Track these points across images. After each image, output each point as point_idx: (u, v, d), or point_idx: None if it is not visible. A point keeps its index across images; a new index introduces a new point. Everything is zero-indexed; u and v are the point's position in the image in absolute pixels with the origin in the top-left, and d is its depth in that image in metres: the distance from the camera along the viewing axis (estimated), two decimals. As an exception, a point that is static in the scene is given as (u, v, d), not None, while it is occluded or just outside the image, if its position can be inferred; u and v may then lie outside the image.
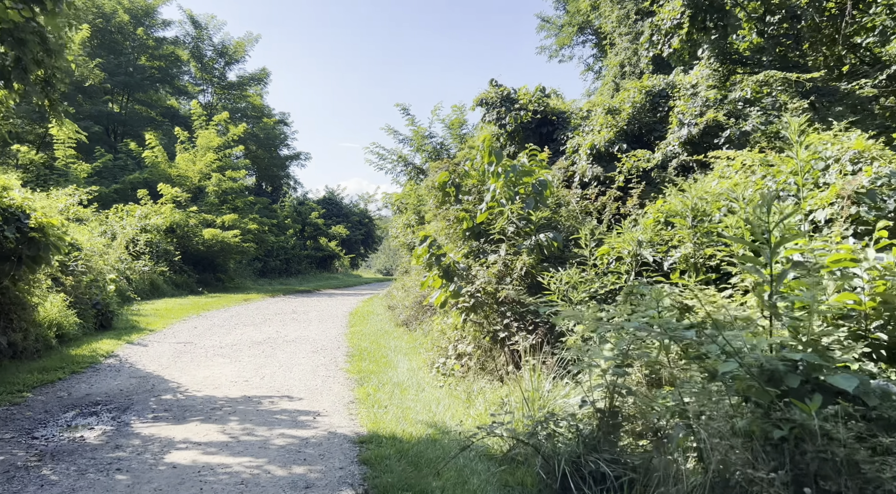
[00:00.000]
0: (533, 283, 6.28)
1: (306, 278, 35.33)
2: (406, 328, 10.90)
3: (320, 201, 47.70)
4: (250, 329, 11.71)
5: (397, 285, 17.32)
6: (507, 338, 6.20)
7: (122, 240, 18.03)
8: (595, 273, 5.88)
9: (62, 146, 22.81)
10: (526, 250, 6.29)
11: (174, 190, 22.00)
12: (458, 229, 7.11)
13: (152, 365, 8.38)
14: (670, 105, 11.04)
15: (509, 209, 6.25)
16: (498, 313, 6.45)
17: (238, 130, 26.04)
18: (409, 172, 23.53)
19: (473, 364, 7.07)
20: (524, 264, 6.01)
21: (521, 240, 6.41)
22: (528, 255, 6.14)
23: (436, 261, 6.83)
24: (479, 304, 6.42)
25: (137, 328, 11.51)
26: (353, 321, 12.88)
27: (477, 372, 7.03)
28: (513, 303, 6.12)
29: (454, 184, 7.33)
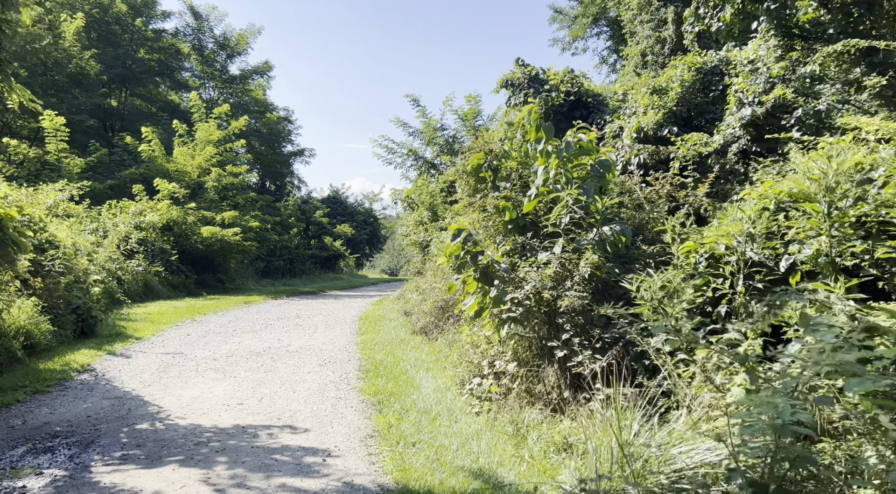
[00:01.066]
0: (598, 288, 5.00)
1: (311, 278, 34.12)
2: (425, 337, 9.63)
3: (325, 199, 46.52)
4: (249, 337, 10.46)
5: (410, 288, 16.04)
6: (567, 357, 4.92)
7: (114, 238, 16.80)
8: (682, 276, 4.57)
9: (53, 139, 21.62)
10: (590, 247, 5.01)
11: (171, 186, 20.79)
12: (498, 221, 5.84)
13: (132, 382, 7.13)
14: (726, 83, 9.73)
15: (568, 195, 4.97)
16: (552, 325, 5.17)
17: (239, 124, 24.81)
18: (420, 166, 22.27)
19: (516, 387, 5.79)
20: (590, 264, 4.73)
21: (582, 233, 5.13)
22: (593, 252, 4.86)
23: (471, 260, 5.55)
24: (528, 314, 5.14)
25: (123, 335, 10.27)
26: (364, 327, 11.61)
27: (520, 396, 5.75)
28: (573, 314, 4.84)
29: (491, 167, 6.07)
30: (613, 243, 5.18)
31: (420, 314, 10.43)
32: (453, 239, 5.64)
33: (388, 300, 17.21)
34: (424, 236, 17.44)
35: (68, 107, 26.51)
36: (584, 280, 4.89)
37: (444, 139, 21.52)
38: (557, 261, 5.03)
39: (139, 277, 16.64)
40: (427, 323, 9.83)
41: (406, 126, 22.12)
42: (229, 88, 36.08)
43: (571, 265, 5.06)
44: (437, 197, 18.14)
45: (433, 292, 10.46)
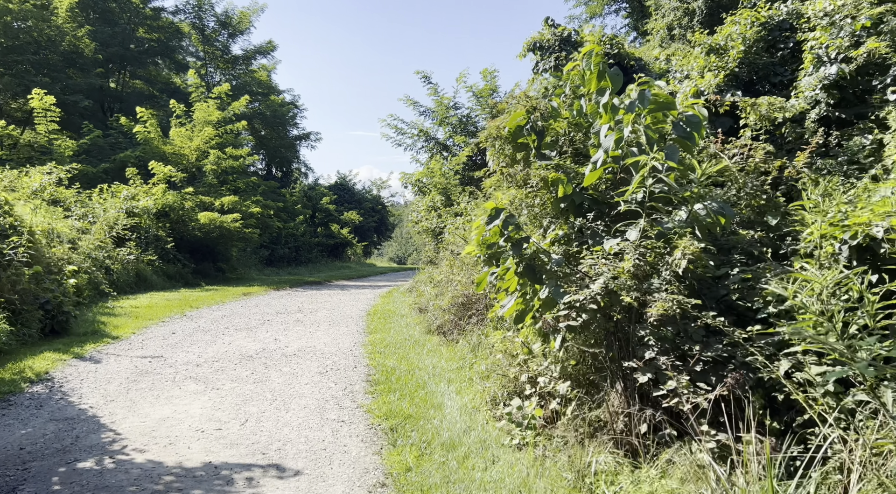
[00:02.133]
0: (692, 287, 3.64)
1: (317, 267, 32.91)
2: (443, 338, 8.31)
3: (332, 186, 45.20)
4: (242, 336, 9.19)
5: (422, 279, 14.73)
6: (652, 383, 3.57)
7: (103, 224, 15.58)
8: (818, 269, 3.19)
9: (43, 120, 20.38)
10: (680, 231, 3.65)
11: (167, 169, 19.51)
12: (547, 198, 4.49)
13: (93, 397, 5.88)
14: (798, 39, 8.24)
15: (654, 159, 3.58)
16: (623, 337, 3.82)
17: (240, 104, 23.45)
18: (431, 148, 20.86)
19: (570, 413, 4.46)
20: (689, 255, 3.38)
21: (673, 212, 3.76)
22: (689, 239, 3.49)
23: (513, 250, 4.19)
24: (594, 322, 3.79)
25: (100, 333, 9.04)
26: (372, 324, 10.32)
27: (575, 425, 4.43)
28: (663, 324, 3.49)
29: (534, 129, 4.70)
30: (712, 226, 3.81)
31: (436, 310, 9.12)
32: (489, 221, 4.28)
33: (398, 292, 15.92)
34: (437, 222, 16.08)
35: (62, 87, 25.25)
36: (678, 277, 3.53)
37: (458, 118, 20.07)
38: (636, 252, 3.66)
39: (130, 266, 15.43)
40: (445, 322, 8.51)
41: (417, 105, 20.70)
42: (232, 70, 34.66)
43: (654, 257, 3.70)
44: (452, 179, 16.75)
45: (451, 286, 9.14)
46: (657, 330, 3.58)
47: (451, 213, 15.08)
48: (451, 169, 16.89)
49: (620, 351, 3.90)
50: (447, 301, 8.64)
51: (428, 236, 16.81)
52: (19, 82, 24.22)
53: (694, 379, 3.44)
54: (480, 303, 7.73)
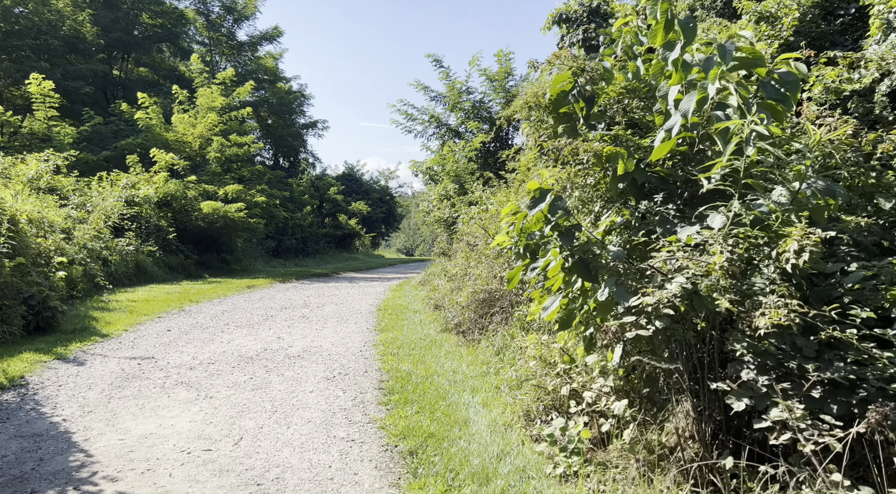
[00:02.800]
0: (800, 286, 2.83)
1: (324, 258, 32.25)
2: (462, 338, 7.53)
3: (339, 177, 44.47)
4: (243, 334, 8.47)
5: (435, 272, 13.97)
6: (752, 415, 2.78)
7: (100, 214, 14.90)
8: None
9: (42, 106, 19.70)
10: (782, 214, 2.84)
11: (169, 157, 18.81)
12: (600, 178, 3.67)
13: (69, 407, 5.17)
14: (862, 3, 7.33)
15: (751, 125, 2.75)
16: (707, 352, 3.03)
17: (245, 90, 22.68)
18: (443, 134, 20.02)
19: (627, 438, 3.69)
20: (809, 247, 2.58)
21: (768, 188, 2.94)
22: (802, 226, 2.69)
23: (563, 240, 3.40)
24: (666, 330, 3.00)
25: (89, 330, 8.36)
26: (384, 320, 9.56)
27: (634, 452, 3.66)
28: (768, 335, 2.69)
29: (583, 95, 3.89)
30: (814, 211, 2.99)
31: (454, 307, 8.34)
32: (532, 205, 3.48)
33: (409, 285, 15.17)
34: (450, 212, 15.29)
35: (63, 73, 24.58)
36: (785, 276, 2.73)
37: (471, 103, 19.20)
38: (726, 243, 2.86)
39: (129, 257, 14.78)
40: (464, 320, 7.73)
41: (427, 90, 19.84)
42: (237, 56, 33.84)
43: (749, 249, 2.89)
44: (465, 167, 15.93)
45: (470, 280, 8.36)
46: (757, 343, 2.78)
47: (465, 202, 14.28)
48: (465, 156, 16.06)
49: (701, 368, 3.11)
50: (465, 297, 7.86)
51: (440, 227, 16.03)
52: (19, 68, 23.57)
53: (809, 408, 2.64)
54: (504, 300, 6.95)
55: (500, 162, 19.45)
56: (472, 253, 10.24)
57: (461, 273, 10.68)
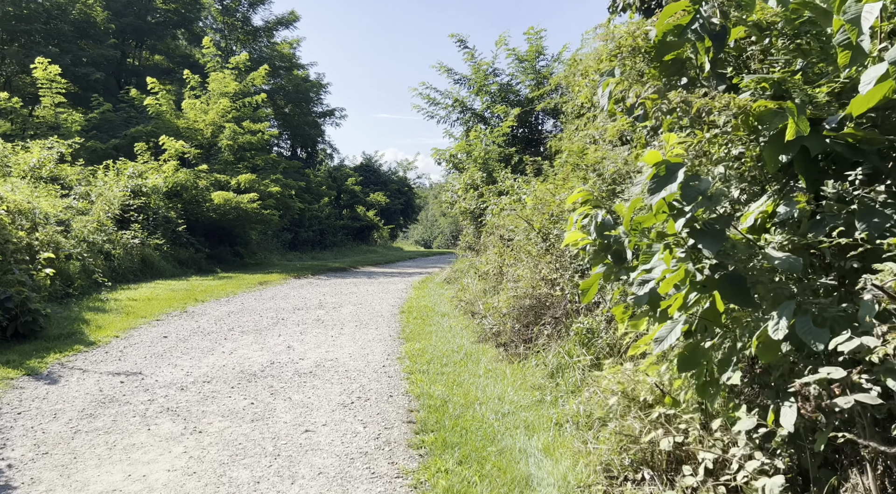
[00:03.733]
0: None
1: (342, 251, 31.29)
2: (503, 351, 6.34)
3: (357, 167, 43.46)
4: (248, 342, 7.40)
5: (461, 268, 12.79)
6: None
7: (103, 205, 13.98)
8: None
9: (48, 92, 18.87)
10: None
11: (179, 144, 17.85)
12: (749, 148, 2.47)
13: (22, 445, 4.11)
14: None
15: None
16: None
17: (259, 74, 21.62)
18: (467, 120, 18.75)
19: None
20: None
21: None
22: None
23: (706, 241, 2.19)
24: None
25: (75, 337, 7.35)
26: (409, 326, 8.42)
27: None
28: None
29: (708, 30, 2.68)
30: None
31: (490, 312, 7.14)
32: (655, 187, 2.27)
33: (433, 282, 14.03)
34: (478, 202, 14.08)
35: (73, 59, 23.79)
36: None
37: (498, 86, 17.90)
38: None
39: (135, 251, 13.85)
40: (505, 329, 6.53)
41: (451, 72, 18.56)
42: (253, 42, 32.84)
43: None
44: (494, 153, 14.68)
45: (510, 282, 7.16)
46: None
47: (494, 192, 13.05)
48: (493, 141, 14.81)
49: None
50: (505, 302, 6.66)
51: (466, 219, 14.83)
52: (27, 54, 22.81)
53: None
54: (557, 308, 5.75)
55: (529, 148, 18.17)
56: (508, 249, 9.04)
57: (494, 271, 9.49)
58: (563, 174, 6.81)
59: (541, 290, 6.00)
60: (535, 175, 11.28)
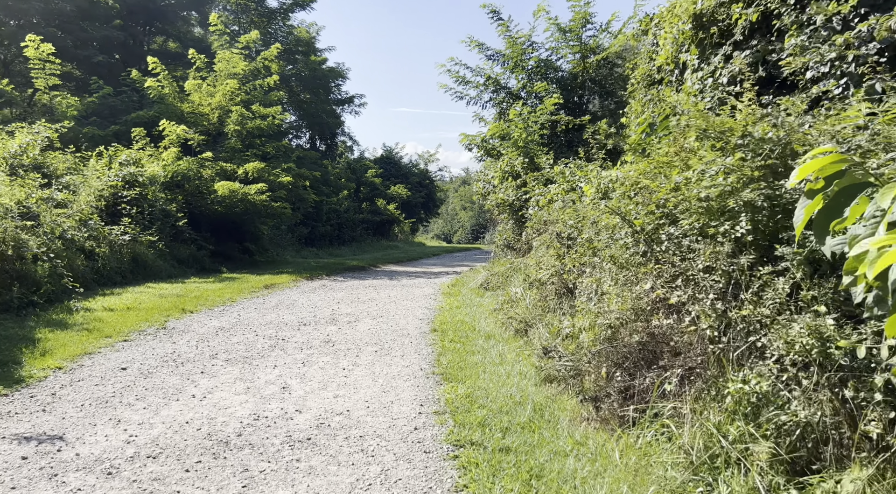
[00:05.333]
0: None
1: (361, 246, 29.49)
2: (590, 408, 4.29)
3: (377, 160, 41.63)
4: (231, 377, 5.49)
5: (502, 272, 10.75)
6: None
7: (87, 196, 12.26)
8: None
9: (41, 73, 17.25)
10: None
11: (180, 129, 16.08)
12: None
13: None
14: None
15: None
16: None
17: (271, 53, 19.76)
18: (501, 100, 16.67)
19: None
20: None
21: None
22: None
23: None
24: None
25: (5, 369, 5.52)
26: (445, 354, 6.40)
27: None
28: None
29: None
30: None
31: (560, 342, 5.09)
32: None
33: (466, 287, 12.00)
34: (518, 193, 12.02)
35: (74, 40, 22.26)
36: None
37: (536, 61, 15.75)
38: None
39: (125, 249, 12.11)
40: (591, 373, 4.48)
41: (483, 47, 16.47)
42: (268, 25, 31.02)
43: None
44: (536, 136, 12.59)
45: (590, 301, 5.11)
46: None
47: (540, 180, 10.99)
48: (536, 122, 12.72)
49: None
50: (591, 335, 4.62)
51: (504, 213, 12.79)
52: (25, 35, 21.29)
53: None
54: (690, 351, 3.69)
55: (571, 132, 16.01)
56: (571, 251, 7.00)
57: (550, 276, 7.45)
58: (675, 147, 4.73)
59: (658, 321, 3.95)
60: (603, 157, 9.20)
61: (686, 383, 3.63)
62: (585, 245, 6.87)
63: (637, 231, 4.69)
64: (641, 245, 4.70)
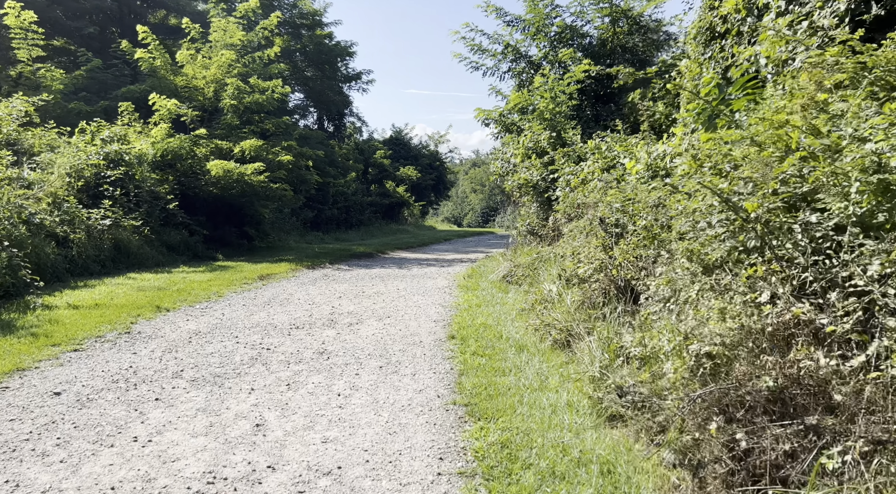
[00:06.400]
0: None
1: (370, 230, 28.22)
2: (689, 474, 3.03)
3: (386, 141, 40.19)
4: (191, 410, 4.23)
5: (527, 263, 9.39)
6: None
7: (60, 176, 11.03)
8: None
9: (23, 43, 15.96)
10: None
11: (171, 103, 14.77)
12: None
13: None
14: None
15: None
16: None
17: (271, 23, 18.31)
18: (520, 71, 15.17)
19: None
20: None
21: None
22: None
23: None
24: None
25: None
26: (468, 373, 5.09)
27: None
28: None
29: None
30: None
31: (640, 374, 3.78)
32: None
33: (484, 279, 10.66)
34: (542, 173, 10.61)
35: (64, 11, 20.92)
36: None
37: (561, 25, 14.21)
38: None
39: (104, 235, 10.89)
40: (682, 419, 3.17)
41: (500, 12, 14.94)
42: None
43: None
44: (565, 107, 11.13)
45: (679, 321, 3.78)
46: None
47: (572, 157, 9.59)
48: (563, 91, 11.24)
49: None
50: (679, 365, 3.28)
51: (527, 195, 11.40)
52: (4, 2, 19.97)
53: None
54: (872, 417, 2.35)
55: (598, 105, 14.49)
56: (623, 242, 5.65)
57: (594, 274, 6.12)
58: (802, 99, 3.34)
59: (800, 355, 2.62)
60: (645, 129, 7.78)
61: (866, 462, 2.29)
62: (642, 234, 5.52)
63: (745, 219, 3.32)
64: (751, 238, 3.34)
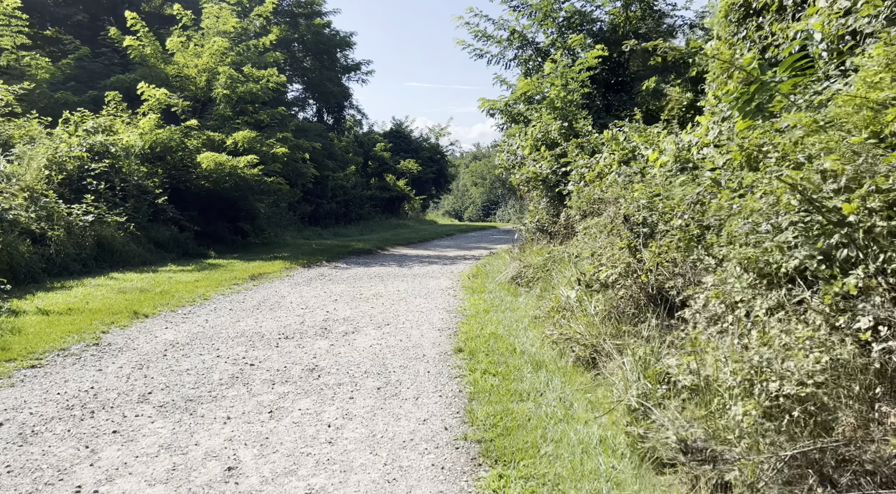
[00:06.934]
0: None
1: (369, 225, 27.53)
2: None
3: (386, 134, 39.39)
4: (150, 450, 3.58)
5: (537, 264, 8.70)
6: None
7: (37, 169, 10.35)
8: None
9: (6, 30, 15.22)
10: None
11: (161, 93, 14.06)
12: None
13: None
14: None
15: None
16: None
17: (266, 9, 17.54)
18: (527, 59, 14.43)
19: None
20: None
21: None
22: None
23: None
24: None
25: None
26: (480, 397, 4.44)
27: None
28: None
29: None
30: None
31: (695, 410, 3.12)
32: None
33: (491, 280, 9.98)
34: (552, 165, 9.91)
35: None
36: None
37: (571, 10, 13.46)
38: None
39: (86, 232, 10.22)
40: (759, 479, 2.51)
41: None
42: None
43: None
44: (577, 95, 10.41)
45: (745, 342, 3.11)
46: None
47: (586, 148, 8.89)
48: (575, 78, 10.52)
49: None
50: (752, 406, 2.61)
51: (536, 189, 10.70)
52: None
53: None
54: None
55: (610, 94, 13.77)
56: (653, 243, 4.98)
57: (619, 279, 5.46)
58: None
59: None
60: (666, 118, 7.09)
61: None
62: (677, 235, 4.85)
63: (836, 222, 2.65)
64: (841, 245, 2.66)
